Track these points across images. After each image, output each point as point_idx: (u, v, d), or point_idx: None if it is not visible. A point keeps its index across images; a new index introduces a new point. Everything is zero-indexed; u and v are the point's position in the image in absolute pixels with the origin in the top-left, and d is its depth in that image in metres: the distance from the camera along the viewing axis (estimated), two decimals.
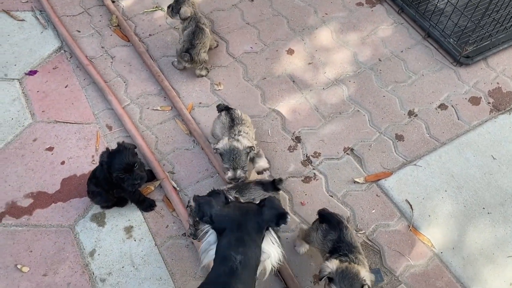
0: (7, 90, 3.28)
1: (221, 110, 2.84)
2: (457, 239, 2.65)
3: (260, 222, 1.94)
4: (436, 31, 3.56)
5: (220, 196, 2.01)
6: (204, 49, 3.25)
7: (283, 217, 1.96)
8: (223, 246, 1.88)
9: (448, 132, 3.11)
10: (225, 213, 1.94)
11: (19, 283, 2.47)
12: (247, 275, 1.84)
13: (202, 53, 3.25)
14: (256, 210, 1.98)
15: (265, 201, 2.02)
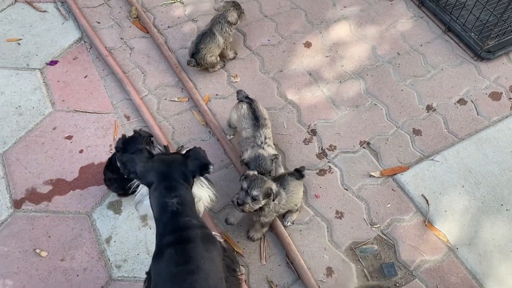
0: (29, 79, 3.35)
1: (241, 99, 2.83)
2: (474, 235, 2.62)
3: (186, 172, 2.06)
4: (457, 25, 3.50)
5: (143, 152, 2.12)
6: (210, 54, 3.22)
7: (205, 168, 2.10)
8: (157, 197, 1.99)
9: (467, 127, 3.07)
10: (150, 167, 2.04)
11: (37, 267, 2.53)
12: (188, 208, 1.97)
13: (209, 58, 3.22)
14: (181, 161, 2.09)
15: (190, 152, 2.14)
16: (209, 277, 1.81)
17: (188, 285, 1.75)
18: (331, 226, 2.68)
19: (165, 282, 1.80)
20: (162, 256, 1.87)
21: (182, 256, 1.83)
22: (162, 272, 1.83)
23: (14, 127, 3.09)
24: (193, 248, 1.86)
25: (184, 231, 1.89)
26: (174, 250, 1.85)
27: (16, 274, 2.51)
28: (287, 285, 2.49)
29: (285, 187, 2.49)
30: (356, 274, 2.52)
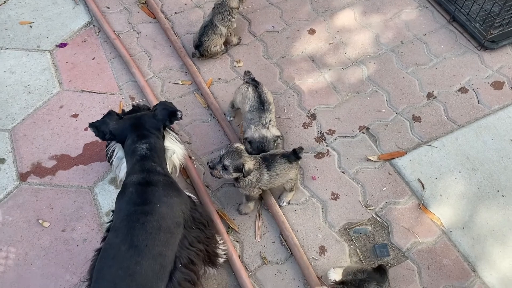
0: (39, 60, 3.45)
1: (247, 81, 2.86)
2: (468, 219, 2.63)
3: (156, 122, 2.21)
4: (462, 15, 3.50)
5: (112, 114, 2.26)
6: (214, 45, 3.29)
7: (174, 115, 2.28)
8: (129, 145, 2.15)
9: (466, 115, 3.07)
10: (122, 124, 2.21)
11: (39, 236, 2.63)
12: (156, 155, 2.12)
13: (212, 48, 3.29)
14: (150, 114, 2.26)
15: (157, 105, 2.30)
16: (162, 220, 1.93)
17: (140, 224, 1.88)
18: (326, 207, 2.72)
19: (121, 220, 1.93)
20: (124, 194, 2.01)
21: (141, 197, 1.96)
22: (121, 210, 1.98)
23: (23, 104, 3.19)
24: (153, 191, 1.98)
25: (147, 174, 2.03)
26: (135, 189, 1.99)
27: (19, 242, 2.61)
28: (280, 261, 2.54)
29: (270, 168, 2.49)
30: (348, 253, 2.56)
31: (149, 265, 1.82)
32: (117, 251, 1.83)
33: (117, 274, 1.78)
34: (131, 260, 1.80)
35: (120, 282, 1.76)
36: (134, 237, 1.85)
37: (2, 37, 3.61)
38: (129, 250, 1.82)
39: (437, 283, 2.44)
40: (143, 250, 1.83)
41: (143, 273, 1.80)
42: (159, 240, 1.88)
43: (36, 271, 2.51)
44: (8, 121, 3.11)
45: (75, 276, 2.49)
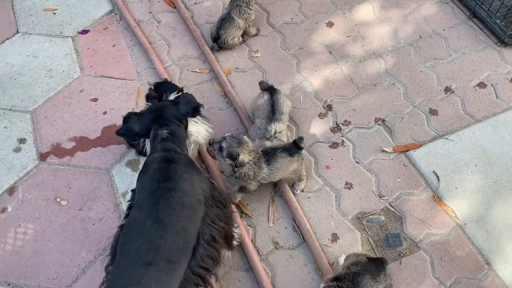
0: (61, 46, 3.53)
1: (264, 88, 2.85)
2: (483, 212, 2.61)
3: (177, 115, 2.28)
4: (482, 11, 3.48)
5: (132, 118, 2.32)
6: (231, 37, 3.33)
7: (196, 110, 2.33)
8: (152, 134, 2.23)
9: (484, 110, 3.05)
10: (144, 120, 2.28)
11: (57, 214, 2.68)
12: (177, 139, 2.20)
13: (230, 40, 3.34)
14: (172, 106, 2.31)
15: (180, 98, 2.34)
16: (185, 196, 1.97)
17: (164, 200, 1.92)
18: (340, 196, 2.73)
19: (145, 196, 1.96)
20: (147, 172, 2.05)
21: (163, 174, 2.01)
22: (144, 187, 2.01)
23: (44, 88, 3.27)
24: (175, 168, 2.03)
25: (169, 152, 2.09)
26: (158, 166, 2.04)
27: (37, 219, 2.67)
28: (292, 247, 2.55)
29: (270, 163, 2.49)
30: (361, 242, 2.56)
31: (173, 240, 1.85)
32: (142, 225, 1.86)
33: (142, 247, 1.80)
34: (156, 234, 1.83)
35: (145, 254, 1.78)
36: (159, 212, 1.88)
37: (26, 23, 3.69)
38: (154, 224, 1.85)
39: (450, 274, 2.43)
40: (168, 225, 1.86)
41: (167, 247, 1.82)
42: (182, 215, 1.91)
43: (53, 247, 2.56)
44: (30, 103, 3.18)
45: (91, 253, 2.54)
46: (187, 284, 1.90)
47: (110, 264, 2.01)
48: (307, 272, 2.47)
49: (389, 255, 2.50)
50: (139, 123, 2.27)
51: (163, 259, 1.79)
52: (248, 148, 2.42)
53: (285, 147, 2.53)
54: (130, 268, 1.75)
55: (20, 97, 3.22)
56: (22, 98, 3.21)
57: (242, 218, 2.65)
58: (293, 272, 2.47)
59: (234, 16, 3.31)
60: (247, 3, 3.29)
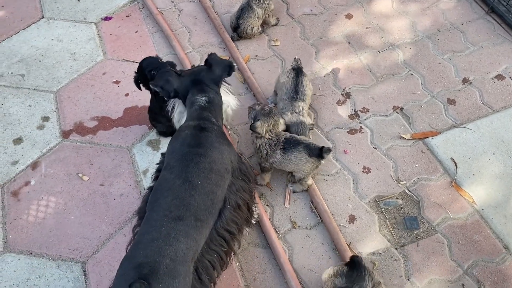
0: (85, 31, 3.61)
1: (293, 67, 2.87)
2: (501, 198, 2.62)
3: (214, 78, 2.29)
4: (501, 6, 3.51)
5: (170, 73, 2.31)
6: (250, 26, 3.38)
7: (231, 67, 2.35)
8: (190, 98, 2.24)
9: (502, 101, 3.07)
10: (184, 82, 2.27)
11: (79, 188, 2.74)
12: (214, 108, 2.22)
13: (249, 30, 3.39)
14: (207, 69, 2.32)
15: (209, 60, 2.34)
16: (213, 163, 2.01)
17: (194, 163, 1.97)
18: (357, 179, 2.75)
19: (176, 159, 2.01)
20: (179, 136, 2.10)
21: (195, 140, 2.05)
22: (176, 150, 2.06)
23: (68, 69, 3.34)
24: (206, 136, 2.07)
25: (203, 121, 2.12)
26: (190, 132, 2.08)
27: (59, 192, 2.72)
28: (309, 226, 2.58)
29: (286, 152, 2.50)
30: (378, 224, 2.58)
31: (201, 199, 1.90)
32: (172, 184, 1.92)
33: (172, 203, 1.85)
34: (185, 192, 1.88)
35: (175, 210, 1.83)
36: (189, 174, 1.93)
37: (51, 9, 3.79)
38: (184, 184, 1.91)
39: (467, 257, 2.44)
40: (197, 186, 1.91)
41: (196, 205, 1.87)
42: (210, 179, 1.96)
43: (74, 219, 2.61)
44: (54, 84, 3.26)
45: (111, 226, 2.58)
46: (211, 244, 1.95)
47: (138, 224, 2.05)
48: (324, 251, 2.49)
49: (406, 237, 2.52)
50: (179, 82, 2.27)
51: (191, 216, 1.84)
52: (272, 124, 2.47)
53: (309, 145, 2.51)
54: (160, 221, 1.79)
55: (44, 78, 3.30)
56: (46, 79, 3.29)
57: (261, 198, 2.68)
58: (311, 250, 2.49)
59: (254, 6, 3.36)
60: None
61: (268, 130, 2.48)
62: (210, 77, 2.29)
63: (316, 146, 2.51)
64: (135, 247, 1.78)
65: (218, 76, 2.32)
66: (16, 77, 3.30)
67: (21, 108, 3.13)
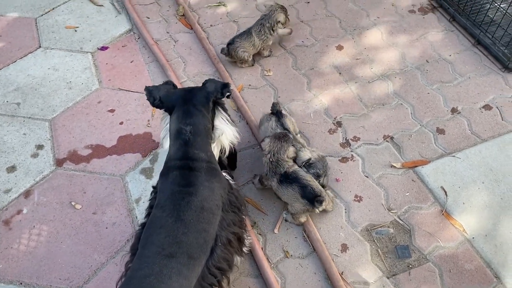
0: (81, 60, 3.68)
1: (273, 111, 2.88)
2: (491, 227, 2.64)
3: (206, 95, 2.20)
4: (487, 39, 3.62)
5: (168, 84, 2.30)
6: (243, 49, 3.45)
7: (225, 86, 2.25)
8: (174, 121, 2.16)
9: (490, 130, 3.13)
10: (172, 94, 2.22)
11: (71, 217, 2.73)
12: (199, 141, 2.13)
13: (240, 52, 3.45)
14: (201, 88, 2.26)
15: (207, 80, 2.30)
16: (204, 201, 2.00)
17: (185, 203, 1.96)
18: (349, 208, 2.77)
19: (167, 198, 2.00)
20: (168, 176, 2.08)
21: (184, 180, 2.03)
22: (166, 189, 2.04)
23: (63, 98, 3.38)
24: (196, 176, 2.05)
25: (191, 161, 2.08)
26: (179, 173, 2.05)
27: (51, 221, 2.72)
28: (301, 256, 2.58)
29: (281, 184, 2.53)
30: (370, 253, 2.58)
31: (194, 237, 1.89)
32: (165, 222, 1.90)
33: (165, 240, 1.84)
34: (178, 230, 1.87)
35: (168, 247, 1.81)
36: (181, 212, 1.92)
37: (48, 39, 3.86)
38: (176, 222, 1.89)
39: (458, 286, 2.44)
40: (189, 224, 1.90)
41: (189, 243, 1.86)
42: (202, 217, 1.95)
43: (65, 248, 2.60)
44: (49, 112, 3.29)
45: (103, 255, 2.57)
46: (203, 283, 1.93)
47: (130, 260, 2.04)
48: (317, 281, 2.48)
49: (398, 266, 2.53)
50: (167, 92, 2.22)
51: (184, 254, 1.83)
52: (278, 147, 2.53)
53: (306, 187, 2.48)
54: (153, 258, 1.78)
55: (39, 106, 3.33)
56: (41, 107, 3.32)
57: (253, 227, 2.69)
58: (303, 280, 2.49)
59: (253, 33, 3.45)
60: (270, 27, 3.45)
61: (272, 152, 2.52)
62: (201, 94, 2.20)
63: (312, 191, 2.47)
64: (127, 282, 1.76)
65: (208, 92, 2.22)
66: (12, 106, 3.33)
67: (16, 136, 3.15)
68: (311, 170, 2.66)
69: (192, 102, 2.17)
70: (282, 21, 3.49)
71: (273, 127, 2.83)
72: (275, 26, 3.49)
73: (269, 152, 2.56)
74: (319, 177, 2.67)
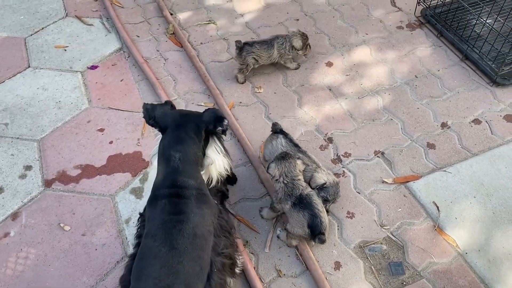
0: (71, 79, 3.66)
1: (275, 131, 2.90)
2: (484, 242, 2.64)
3: (199, 123, 2.17)
4: (475, 54, 3.67)
5: (166, 104, 2.28)
6: (255, 55, 3.44)
7: (220, 120, 2.20)
8: (165, 145, 2.13)
9: (480, 144, 3.15)
10: (168, 115, 2.20)
11: (60, 238, 2.68)
12: (188, 168, 2.09)
13: (250, 58, 3.46)
14: (197, 115, 2.23)
15: (208, 109, 2.25)
16: (196, 228, 1.96)
17: (177, 230, 1.91)
18: (342, 225, 2.75)
19: (157, 227, 1.95)
20: (157, 204, 2.02)
21: (174, 208, 1.99)
22: (156, 218, 1.99)
23: (52, 118, 3.35)
24: (186, 203, 2.01)
25: (180, 189, 2.03)
26: (168, 201, 2.00)
27: (39, 243, 2.66)
28: (295, 275, 2.55)
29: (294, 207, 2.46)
30: (363, 270, 2.56)
31: (190, 266, 1.85)
32: (157, 252, 1.85)
33: (161, 271, 1.79)
34: (173, 259, 1.82)
35: (165, 278, 1.76)
36: (173, 241, 1.88)
37: (38, 58, 3.85)
38: (170, 251, 1.85)
39: None
40: (184, 252, 1.86)
41: (185, 272, 1.82)
42: (196, 244, 1.92)
43: (54, 271, 2.54)
44: (38, 132, 3.26)
45: (92, 278, 2.52)
46: None
47: None
48: None
49: (392, 284, 2.50)
50: (163, 113, 2.20)
51: (182, 283, 1.78)
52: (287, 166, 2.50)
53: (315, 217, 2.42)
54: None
55: (28, 126, 3.30)
56: (30, 128, 3.29)
57: (245, 246, 2.66)
58: None
59: (275, 44, 3.48)
60: (289, 48, 3.49)
61: (283, 174, 2.49)
62: (194, 122, 2.16)
63: (319, 225, 2.41)
64: None
65: (202, 121, 2.18)
66: (0, 126, 3.30)
67: (3, 157, 3.11)
68: (322, 193, 2.62)
69: (185, 128, 2.15)
70: (297, 47, 3.51)
71: (283, 144, 2.80)
72: (291, 50, 3.52)
73: (280, 176, 2.51)
74: (327, 201, 2.63)
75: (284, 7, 4.34)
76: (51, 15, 4.28)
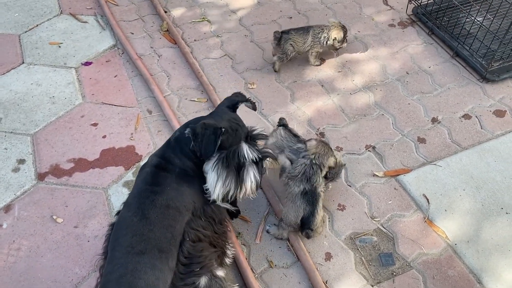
0: (65, 75, 3.68)
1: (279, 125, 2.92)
2: (473, 233, 2.67)
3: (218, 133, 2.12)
4: (465, 50, 3.72)
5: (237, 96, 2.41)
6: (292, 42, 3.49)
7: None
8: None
9: (470, 139, 3.19)
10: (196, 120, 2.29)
11: (52, 231, 2.69)
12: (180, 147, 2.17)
13: (288, 44, 3.50)
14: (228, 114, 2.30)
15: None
16: (171, 201, 2.03)
17: (149, 201, 2.00)
18: (333, 217, 2.78)
19: (133, 196, 2.07)
20: (142, 172, 2.16)
21: (153, 178, 2.09)
22: (136, 186, 2.13)
23: (46, 113, 3.37)
24: (165, 176, 2.10)
25: (165, 161, 2.14)
26: (150, 170, 2.12)
27: (32, 235, 2.67)
28: (286, 265, 2.57)
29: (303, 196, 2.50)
30: (354, 261, 2.58)
31: (161, 233, 1.92)
32: (130, 222, 1.94)
33: (133, 239, 1.87)
34: (144, 228, 1.91)
35: (137, 245, 1.85)
36: (145, 211, 1.96)
37: (32, 55, 3.86)
38: (141, 220, 1.93)
39: None
40: (154, 221, 1.94)
41: (157, 238, 1.89)
42: (168, 214, 1.98)
43: (46, 263, 2.55)
44: (31, 127, 3.27)
45: (84, 269, 2.53)
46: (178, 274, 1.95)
47: (103, 264, 2.03)
48: None
49: (382, 274, 2.52)
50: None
51: (154, 248, 1.86)
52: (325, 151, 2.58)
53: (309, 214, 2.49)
54: (124, 259, 1.81)
55: (22, 121, 3.31)
56: (23, 122, 3.30)
57: (238, 237, 2.68)
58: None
59: (310, 31, 3.53)
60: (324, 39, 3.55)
61: (317, 154, 2.54)
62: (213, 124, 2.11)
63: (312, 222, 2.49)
64: (105, 286, 1.76)
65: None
66: None
67: None
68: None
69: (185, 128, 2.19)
70: (339, 38, 3.57)
71: (282, 135, 2.83)
72: (328, 41, 3.57)
73: (313, 154, 2.55)
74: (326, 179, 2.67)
75: (277, 5, 4.38)
76: (45, 12, 4.30)
